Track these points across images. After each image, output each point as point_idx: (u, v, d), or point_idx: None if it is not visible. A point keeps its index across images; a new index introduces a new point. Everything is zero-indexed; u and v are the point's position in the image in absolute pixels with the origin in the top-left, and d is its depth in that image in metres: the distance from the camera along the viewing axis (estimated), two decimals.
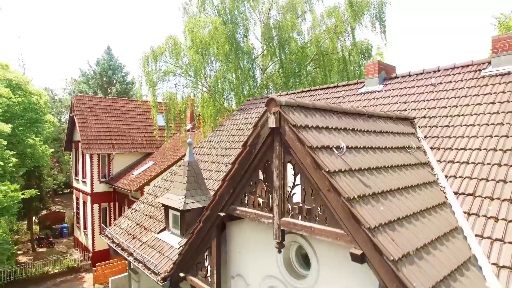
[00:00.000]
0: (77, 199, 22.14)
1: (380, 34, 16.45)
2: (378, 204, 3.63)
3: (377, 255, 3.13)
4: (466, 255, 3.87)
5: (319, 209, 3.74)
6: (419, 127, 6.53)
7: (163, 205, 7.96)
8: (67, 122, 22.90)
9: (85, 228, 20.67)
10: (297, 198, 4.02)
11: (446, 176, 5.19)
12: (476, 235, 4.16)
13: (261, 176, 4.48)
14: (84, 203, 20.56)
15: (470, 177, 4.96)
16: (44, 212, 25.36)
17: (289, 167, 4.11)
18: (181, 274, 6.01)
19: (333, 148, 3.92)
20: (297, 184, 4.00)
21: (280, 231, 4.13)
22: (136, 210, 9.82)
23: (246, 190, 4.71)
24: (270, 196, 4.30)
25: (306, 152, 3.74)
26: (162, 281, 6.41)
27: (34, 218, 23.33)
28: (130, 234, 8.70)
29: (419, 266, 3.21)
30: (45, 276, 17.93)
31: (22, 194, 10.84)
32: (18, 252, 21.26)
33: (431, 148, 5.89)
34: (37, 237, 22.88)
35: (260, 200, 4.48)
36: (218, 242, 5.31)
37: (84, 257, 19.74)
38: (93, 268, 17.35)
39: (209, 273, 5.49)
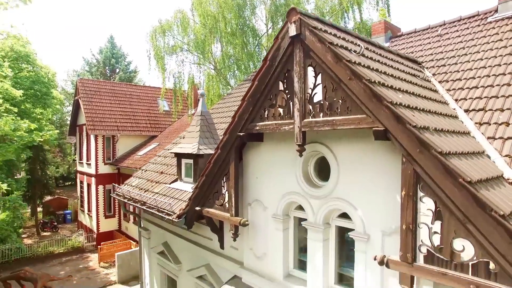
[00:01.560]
0: (81, 182, 22.24)
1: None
2: (397, 92, 3.82)
3: (400, 125, 3.30)
4: (479, 148, 4.05)
5: (340, 101, 3.92)
6: (426, 68, 6.73)
7: (175, 155, 8.11)
8: (72, 106, 23.04)
9: (89, 210, 20.77)
10: (317, 97, 4.20)
11: (456, 100, 5.38)
12: (488, 137, 4.34)
13: (281, 87, 4.65)
14: (89, 185, 20.67)
15: (480, 97, 5.15)
16: (48, 198, 25.42)
17: (309, 71, 4.29)
18: (197, 208, 6.16)
19: (351, 50, 4.11)
20: (318, 84, 4.17)
21: (301, 133, 4.29)
22: (146, 170, 9.96)
23: (265, 105, 4.88)
24: (291, 103, 4.47)
25: (327, 49, 3.92)
26: (177, 218, 6.54)
27: (38, 202, 23.39)
28: (141, 189, 8.83)
29: (437, 135, 3.40)
30: (51, 255, 18.04)
31: (41, 136, 11.08)
32: (23, 236, 21.31)
33: (439, 82, 6.09)
34: (41, 221, 22.96)
35: (280, 110, 4.64)
36: (236, 165, 5.45)
37: (88, 239, 19.82)
38: (98, 247, 17.45)
39: (226, 199, 5.64)
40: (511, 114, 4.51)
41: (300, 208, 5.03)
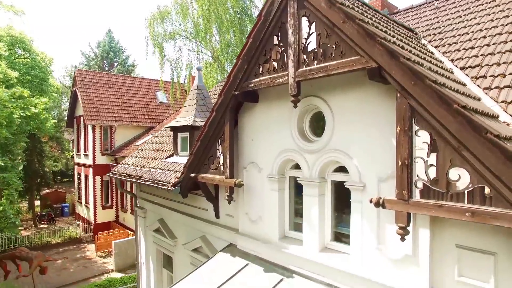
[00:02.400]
0: (79, 174, 22.15)
1: None
2: (391, 37, 3.78)
3: (393, 60, 3.26)
4: (475, 95, 4.01)
5: (334, 46, 3.87)
6: (422, 37, 6.69)
7: (171, 129, 8.07)
8: (69, 98, 22.96)
9: (86, 201, 20.67)
10: (311, 46, 4.16)
11: (452, 60, 5.34)
12: (484, 88, 4.31)
13: (275, 41, 4.61)
14: (86, 176, 20.58)
15: (476, 55, 5.11)
16: (45, 191, 25.30)
17: (303, 21, 4.24)
18: (192, 175, 6.10)
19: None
20: (312, 33, 4.13)
21: (295, 84, 4.24)
22: (142, 150, 9.90)
23: (260, 61, 4.83)
24: (285, 55, 4.42)
25: None
26: (172, 186, 6.49)
27: (35, 195, 23.28)
28: (137, 166, 8.78)
29: (431, 72, 3.35)
30: (48, 245, 17.93)
31: (35, 106, 10.98)
32: (20, 228, 21.19)
33: (435, 47, 6.05)
34: (39, 214, 22.84)
35: (275, 64, 4.60)
36: (231, 126, 5.40)
37: (85, 230, 19.72)
38: (95, 236, 17.36)
39: (221, 162, 5.59)
40: (508, 66, 4.48)
41: (296, 167, 4.99)
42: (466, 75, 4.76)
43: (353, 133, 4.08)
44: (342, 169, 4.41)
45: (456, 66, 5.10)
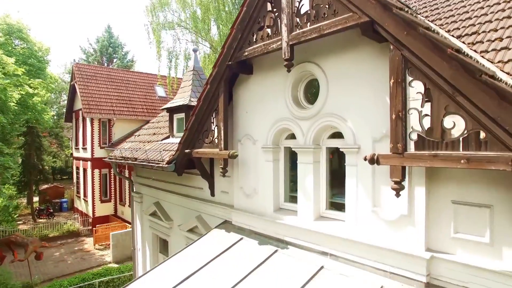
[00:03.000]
0: (77, 168, 22.10)
1: None
2: None
3: (386, 12, 3.20)
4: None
5: (327, 6, 3.81)
6: (419, 14, 6.63)
7: (167, 110, 8.00)
8: (68, 92, 22.92)
9: (85, 195, 20.60)
10: (305, 8, 4.09)
11: (448, 31, 5.27)
12: (481, 51, 4.23)
13: (269, 8, 4.55)
14: (85, 170, 20.52)
15: (473, 24, 5.04)
16: (44, 186, 25.25)
17: None
18: (187, 151, 6.03)
19: None
20: None
21: (289, 48, 4.18)
22: (138, 135, 9.84)
23: (254, 29, 4.77)
24: (279, 20, 4.36)
25: None
26: (167, 164, 6.42)
27: (34, 189, 23.23)
28: (133, 149, 8.71)
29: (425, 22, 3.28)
30: (46, 238, 17.83)
31: (29, 85, 10.82)
32: (19, 222, 21.13)
33: (431, 21, 5.98)
34: (38, 208, 22.78)
35: (268, 30, 4.54)
36: (225, 97, 5.33)
37: (84, 223, 19.65)
38: (93, 229, 17.30)
39: (215, 135, 5.52)
40: (505, 31, 4.40)
41: (291, 137, 4.92)
42: (463, 42, 4.69)
43: (347, 96, 4.02)
44: (337, 136, 4.35)
45: (452, 36, 5.03)
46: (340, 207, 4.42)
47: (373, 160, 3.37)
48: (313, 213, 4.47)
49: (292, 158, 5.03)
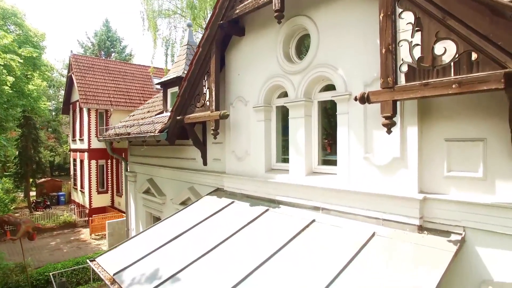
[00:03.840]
0: (74, 160, 21.98)
1: None
2: None
3: None
4: None
5: None
6: None
7: (161, 85, 7.92)
8: (65, 85, 22.85)
9: (82, 187, 20.48)
10: None
11: None
12: None
13: None
14: (81, 161, 20.41)
15: None
16: (42, 180, 25.12)
17: None
18: (179, 117, 5.94)
19: None
20: None
21: None
22: (133, 115, 9.75)
23: None
24: None
25: None
26: (159, 132, 6.33)
27: (31, 181, 23.10)
28: (127, 126, 8.61)
29: None
30: (42, 229, 17.67)
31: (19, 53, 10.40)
32: (16, 214, 20.98)
33: None
34: (34, 201, 22.65)
35: None
36: (217, 59, 5.24)
37: (80, 215, 19.52)
38: (90, 218, 17.18)
39: (207, 98, 5.43)
40: None
41: (283, 96, 4.84)
42: None
43: (338, 45, 3.94)
44: (329, 88, 4.27)
45: None
46: (333, 163, 4.32)
47: (364, 99, 3.28)
48: (305, 169, 4.38)
49: (284, 119, 4.94)
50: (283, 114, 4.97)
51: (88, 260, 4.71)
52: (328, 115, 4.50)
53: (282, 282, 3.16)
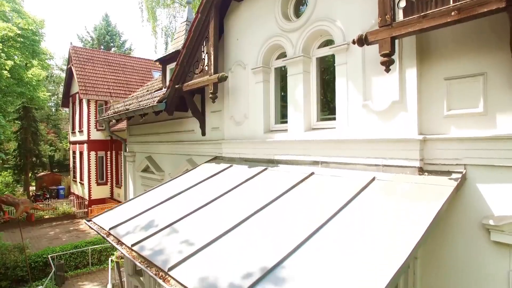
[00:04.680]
0: (74, 152, 21.94)
1: None
2: None
3: None
4: None
5: None
6: None
7: (160, 62, 7.89)
8: (65, 78, 22.84)
9: (81, 179, 20.43)
10: None
11: None
12: None
13: None
14: (81, 153, 20.37)
15: None
16: (41, 173, 25.07)
17: None
18: (177, 86, 5.91)
19: None
20: None
21: None
22: (133, 96, 9.71)
23: None
24: None
25: None
26: (158, 102, 6.29)
27: (30, 174, 23.05)
28: (126, 104, 8.58)
29: None
30: (41, 220, 17.64)
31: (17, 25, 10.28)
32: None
33: None
34: (34, 194, 22.60)
35: None
36: (215, 23, 5.21)
37: (80, 206, 19.47)
38: (89, 208, 17.13)
39: (206, 63, 5.40)
40: None
41: (283, 56, 4.80)
42: None
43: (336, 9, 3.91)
44: (327, 43, 4.24)
45: None
46: (332, 120, 4.28)
47: (361, 41, 3.25)
48: (304, 126, 4.34)
49: (283, 80, 4.90)
50: (282, 77, 4.94)
51: (84, 220, 4.66)
52: (328, 75, 4.47)
53: (277, 224, 3.12)
